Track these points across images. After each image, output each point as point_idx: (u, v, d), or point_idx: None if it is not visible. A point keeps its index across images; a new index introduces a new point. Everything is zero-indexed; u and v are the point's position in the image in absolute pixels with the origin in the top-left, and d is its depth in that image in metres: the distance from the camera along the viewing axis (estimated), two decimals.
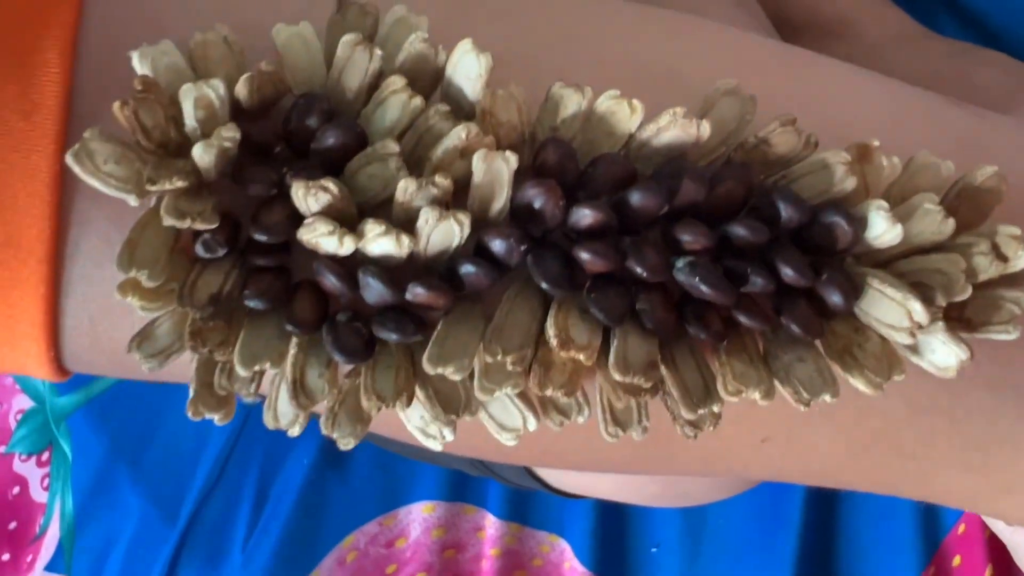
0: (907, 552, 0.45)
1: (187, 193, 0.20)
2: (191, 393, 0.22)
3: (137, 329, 0.21)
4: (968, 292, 0.19)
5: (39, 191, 0.20)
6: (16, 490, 0.54)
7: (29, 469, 0.54)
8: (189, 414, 0.22)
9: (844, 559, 0.46)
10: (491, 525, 0.48)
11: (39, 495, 0.53)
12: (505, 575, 0.47)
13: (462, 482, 0.49)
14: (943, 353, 0.19)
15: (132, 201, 0.20)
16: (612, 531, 0.47)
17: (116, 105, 0.19)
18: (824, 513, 0.47)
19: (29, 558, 0.52)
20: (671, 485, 0.37)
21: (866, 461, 0.22)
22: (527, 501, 0.49)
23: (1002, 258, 0.19)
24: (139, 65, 0.20)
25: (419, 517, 0.49)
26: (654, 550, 0.48)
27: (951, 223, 0.19)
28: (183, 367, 0.22)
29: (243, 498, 0.49)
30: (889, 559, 0.45)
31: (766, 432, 0.22)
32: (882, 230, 0.19)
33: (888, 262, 0.20)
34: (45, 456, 0.54)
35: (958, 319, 0.20)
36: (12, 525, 0.53)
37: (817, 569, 0.46)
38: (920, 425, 0.21)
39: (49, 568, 0.51)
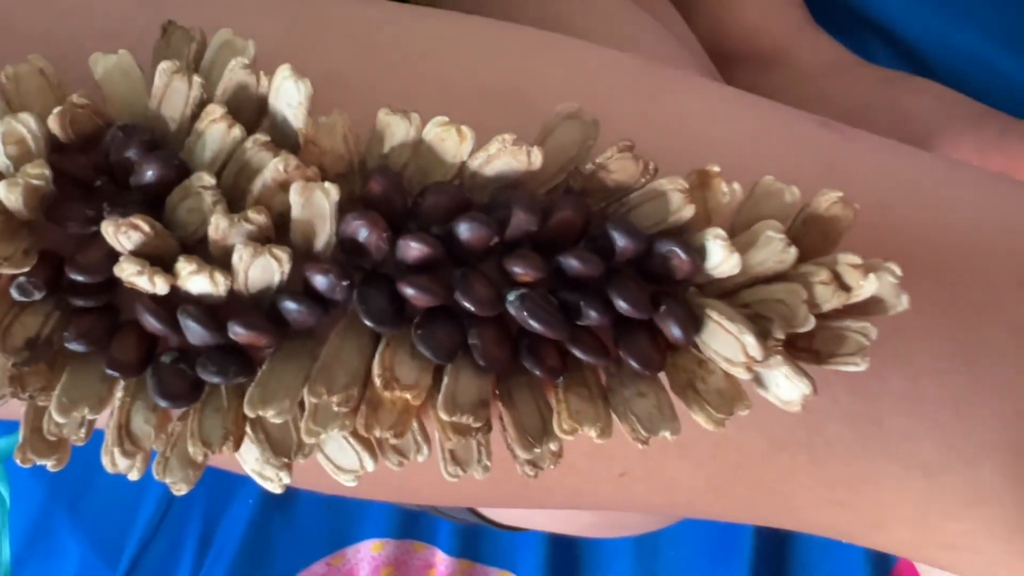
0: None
1: None
2: (19, 438, 0.20)
3: None
4: (811, 323, 0.18)
5: None
6: None
7: None
8: (17, 460, 0.21)
9: None
10: (441, 562, 0.47)
11: None
12: None
13: (412, 518, 0.48)
14: (786, 387, 0.18)
15: None
16: (563, 565, 0.46)
17: None
18: (776, 541, 0.46)
19: None
20: (605, 515, 0.36)
21: (730, 495, 0.21)
22: (478, 536, 0.47)
23: (844, 288, 0.18)
24: None
25: (368, 556, 0.48)
26: None
27: (793, 252, 0.18)
28: (20, 408, 0.21)
29: (186, 541, 0.48)
30: None
31: (623, 467, 0.21)
32: (720, 259, 0.18)
33: (732, 292, 0.19)
34: None
35: (806, 350, 0.19)
36: None
37: None
38: (780, 461, 0.21)
39: None
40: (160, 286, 0.18)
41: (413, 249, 0.18)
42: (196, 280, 0.18)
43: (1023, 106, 0.44)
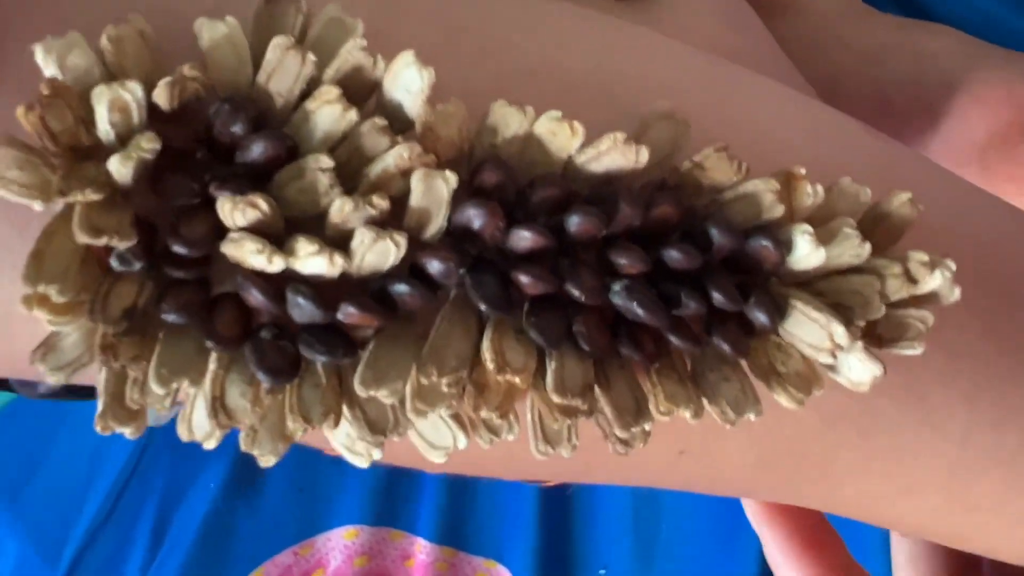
0: (875, 560, 0.43)
1: (100, 204, 0.18)
2: (99, 407, 0.20)
3: (37, 337, 0.20)
4: (882, 312, 0.20)
5: None
6: None
7: None
8: (98, 428, 0.20)
9: None
10: (422, 551, 0.44)
11: None
12: None
13: (389, 504, 0.45)
14: (859, 369, 0.20)
15: (38, 206, 0.18)
16: (555, 554, 0.44)
17: (20, 110, 0.18)
18: None
19: None
20: None
21: (774, 472, 0.23)
22: (462, 523, 0.45)
23: (912, 280, 0.20)
24: (43, 60, 0.18)
25: (340, 544, 0.44)
26: (602, 572, 0.45)
27: (868, 247, 0.20)
28: (90, 375, 0.21)
29: (138, 533, 0.45)
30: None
31: (683, 445, 0.23)
32: (806, 252, 0.20)
33: (808, 283, 0.21)
34: None
35: (870, 335, 0.21)
36: None
37: None
38: (830, 435, 0.23)
39: None
40: (277, 264, 0.19)
41: (527, 239, 0.19)
42: (313, 261, 0.19)
43: None
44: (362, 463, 0.21)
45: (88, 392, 0.39)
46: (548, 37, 0.23)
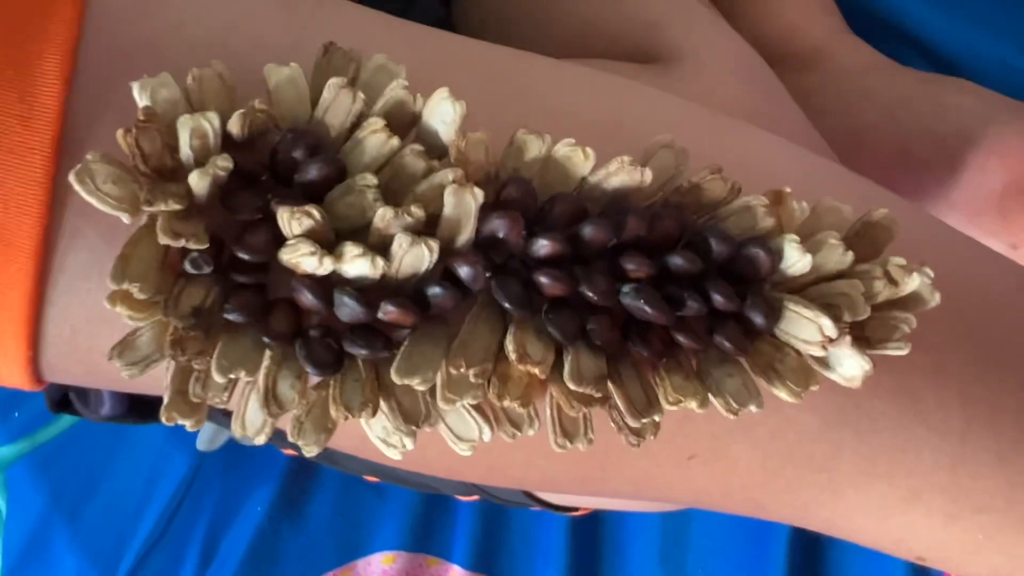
0: None
1: (179, 215, 0.22)
2: (165, 400, 0.23)
3: (115, 341, 0.23)
4: (867, 312, 0.22)
5: (35, 193, 0.22)
6: None
7: None
8: (163, 420, 0.23)
9: None
10: None
11: None
12: None
13: (426, 531, 0.48)
14: (849, 365, 0.22)
15: (126, 219, 0.21)
16: None
17: (120, 132, 0.21)
18: (810, 554, 0.47)
19: None
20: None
21: (781, 477, 0.25)
22: (494, 551, 0.47)
23: (893, 283, 0.22)
24: (139, 94, 0.22)
25: (379, 569, 0.47)
26: None
27: (850, 255, 0.22)
28: (155, 378, 0.23)
29: (188, 552, 0.48)
30: None
31: (693, 450, 0.25)
32: (795, 260, 0.22)
33: (800, 289, 0.23)
34: None
35: (858, 337, 0.23)
36: None
37: None
38: (830, 437, 0.24)
39: None
40: (326, 265, 0.21)
41: (545, 246, 0.22)
42: (358, 263, 0.21)
43: None
44: (396, 455, 0.23)
45: (145, 416, 0.42)
46: (569, 89, 0.26)
